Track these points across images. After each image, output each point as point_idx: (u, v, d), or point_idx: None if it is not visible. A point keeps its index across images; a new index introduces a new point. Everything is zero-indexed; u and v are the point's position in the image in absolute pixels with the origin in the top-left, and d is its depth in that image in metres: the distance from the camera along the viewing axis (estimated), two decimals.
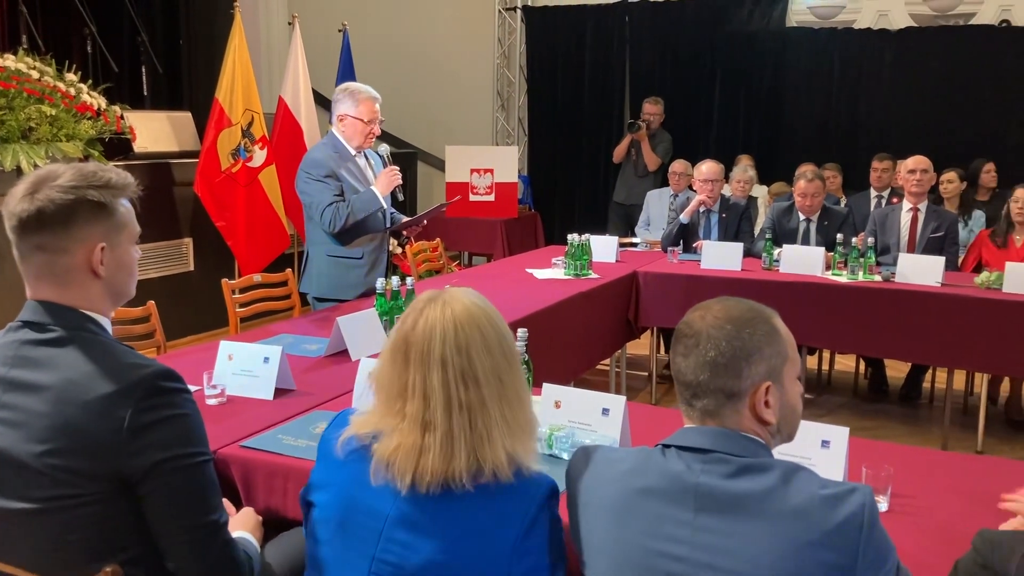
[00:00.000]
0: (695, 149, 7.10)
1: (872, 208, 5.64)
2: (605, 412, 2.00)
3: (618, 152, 7.30)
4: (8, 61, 4.41)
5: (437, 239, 5.22)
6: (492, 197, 7.46)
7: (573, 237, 4.41)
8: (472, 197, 7.42)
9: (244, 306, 3.80)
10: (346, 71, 6.73)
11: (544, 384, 2.15)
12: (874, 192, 5.89)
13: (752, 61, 7.60)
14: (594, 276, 4.38)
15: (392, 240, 3.96)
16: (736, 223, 5.24)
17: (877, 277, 4.33)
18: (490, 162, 7.48)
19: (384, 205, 3.72)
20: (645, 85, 7.81)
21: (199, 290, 5.56)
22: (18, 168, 4.18)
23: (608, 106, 8.24)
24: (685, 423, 1.40)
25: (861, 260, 4.37)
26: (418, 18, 8.66)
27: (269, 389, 2.39)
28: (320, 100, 6.80)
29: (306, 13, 6.67)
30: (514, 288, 4.03)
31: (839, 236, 4.55)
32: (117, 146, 5.07)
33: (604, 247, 4.83)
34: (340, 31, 6.88)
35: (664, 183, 6.37)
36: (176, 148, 5.86)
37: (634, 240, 5.76)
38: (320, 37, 7.24)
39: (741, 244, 4.74)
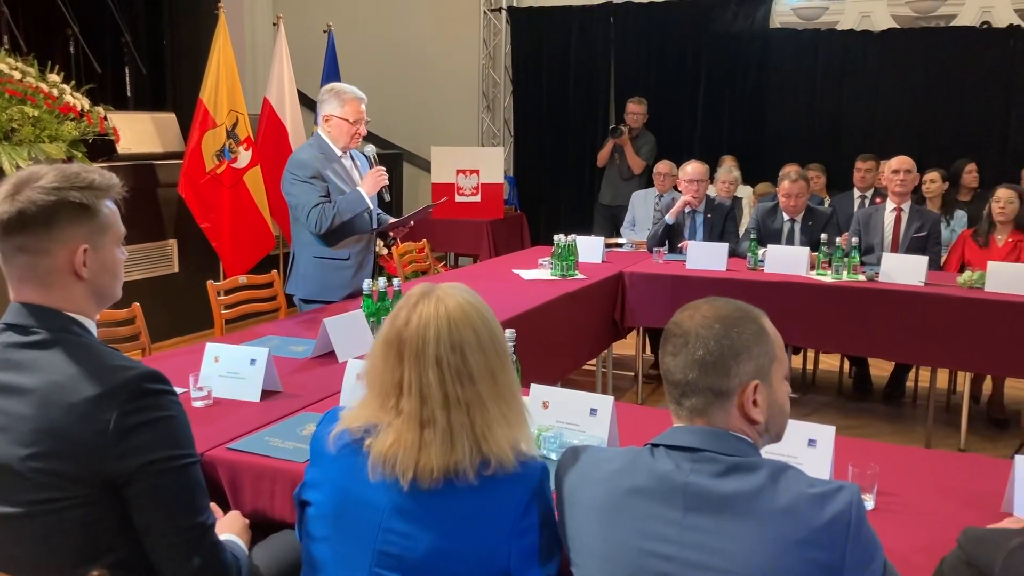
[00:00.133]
0: (680, 150, 7.13)
1: (856, 208, 5.68)
2: (593, 412, 2.01)
3: (601, 156, 7.30)
4: None
5: (423, 240, 5.21)
6: (478, 198, 7.46)
7: (559, 238, 4.42)
8: (458, 198, 7.42)
9: (229, 308, 3.77)
10: (331, 72, 6.70)
11: (532, 385, 2.15)
12: (858, 192, 5.92)
13: (736, 62, 7.63)
14: (580, 277, 4.39)
15: (379, 241, 3.96)
16: (721, 223, 5.26)
17: (861, 277, 4.36)
18: (476, 163, 7.48)
19: (370, 206, 3.71)
20: (630, 86, 7.81)
21: (184, 292, 5.53)
22: (0, 169, 4.14)
23: (593, 107, 8.25)
24: (674, 422, 1.40)
25: (845, 260, 4.39)
26: (403, 19, 8.64)
27: (256, 391, 2.39)
28: (305, 101, 6.77)
29: (291, 13, 6.65)
30: (501, 289, 4.03)
31: (823, 236, 4.57)
32: (101, 147, 5.03)
33: (590, 248, 4.84)
34: (325, 32, 6.85)
35: (649, 184, 6.38)
36: (160, 149, 5.82)
37: (620, 241, 5.77)
38: (305, 37, 7.21)
39: (726, 244, 4.76)
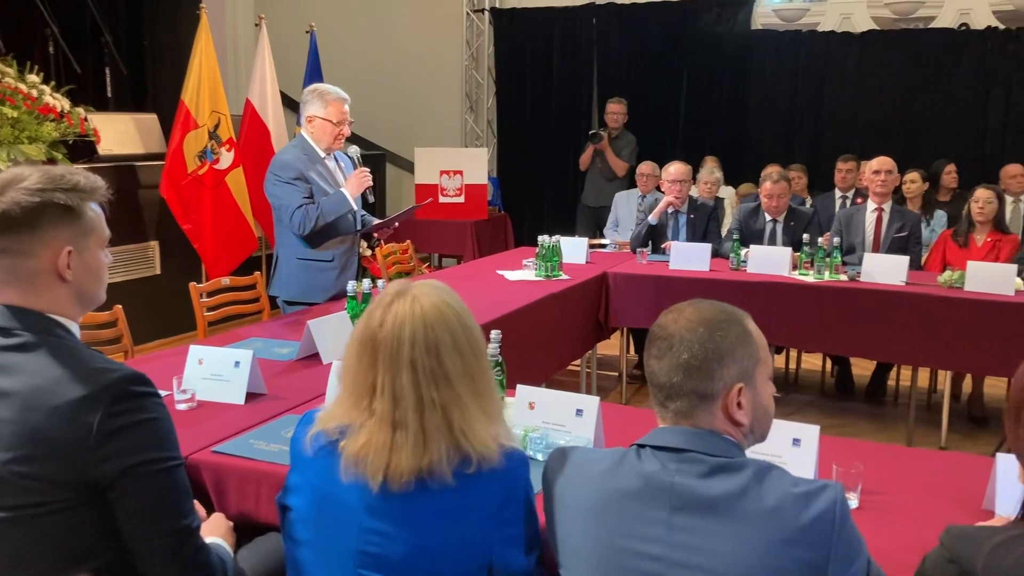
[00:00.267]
0: (662, 150, 7.16)
1: (837, 208, 5.71)
2: (579, 413, 2.01)
3: (583, 160, 7.30)
4: None
5: (407, 241, 5.21)
6: (462, 199, 7.46)
7: (543, 238, 4.42)
8: (442, 199, 7.42)
9: (212, 310, 3.75)
10: (314, 73, 6.67)
11: (518, 385, 2.16)
12: (839, 192, 5.96)
13: (718, 63, 7.68)
14: (564, 277, 4.39)
15: (363, 243, 3.95)
16: (704, 224, 5.28)
17: (843, 276, 4.39)
18: (459, 164, 7.49)
19: (354, 207, 3.70)
20: (613, 87, 7.84)
21: (166, 294, 5.49)
22: None
23: (576, 108, 8.28)
24: (659, 423, 1.41)
25: (827, 260, 4.42)
26: (386, 20, 8.62)
27: (240, 393, 2.38)
28: (288, 102, 6.74)
29: (273, 14, 6.61)
30: (485, 290, 4.03)
31: (805, 236, 4.60)
32: (81, 148, 4.98)
33: (574, 248, 4.84)
34: (308, 32, 6.82)
35: (632, 186, 6.40)
36: (141, 150, 5.78)
37: (603, 241, 5.79)
38: (287, 38, 7.17)
39: (709, 245, 4.78)
